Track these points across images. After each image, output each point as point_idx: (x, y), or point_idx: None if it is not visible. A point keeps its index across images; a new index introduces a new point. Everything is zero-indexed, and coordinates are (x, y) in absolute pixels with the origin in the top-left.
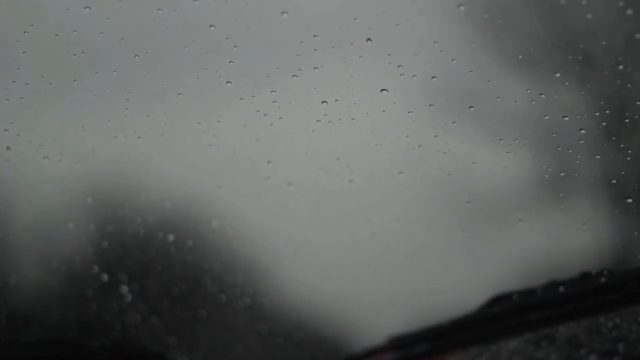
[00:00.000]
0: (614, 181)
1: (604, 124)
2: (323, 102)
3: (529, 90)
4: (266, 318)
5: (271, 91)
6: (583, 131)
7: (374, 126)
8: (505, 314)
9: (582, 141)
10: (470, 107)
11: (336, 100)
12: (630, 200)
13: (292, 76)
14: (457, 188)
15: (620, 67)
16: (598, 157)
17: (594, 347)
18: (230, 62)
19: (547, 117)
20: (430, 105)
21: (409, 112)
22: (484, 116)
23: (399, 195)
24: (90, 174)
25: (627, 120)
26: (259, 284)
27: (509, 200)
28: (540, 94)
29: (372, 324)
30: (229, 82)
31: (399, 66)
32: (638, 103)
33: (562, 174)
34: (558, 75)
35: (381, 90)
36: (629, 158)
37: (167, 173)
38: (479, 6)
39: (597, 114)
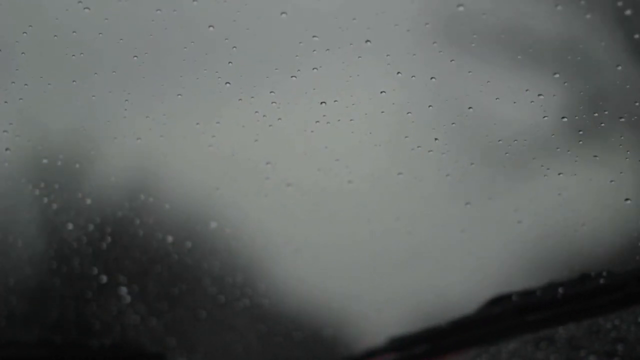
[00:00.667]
0: (613, 181)
1: (602, 124)
2: (322, 102)
3: (528, 91)
4: (266, 318)
5: (270, 92)
6: (581, 132)
7: (372, 127)
8: (505, 315)
9: (580, 142)
10: (469, 107)
11: (335, 101)
12: (629, 201)
13: (291, 77)
14: (456, 189)
15: (619, 67)
16: (597, 157)
17: (593, 348)
18: (229, 62)
19: (546, 118)
20: (429, 106)
21: (408, 112)
22: (483, 117)
23: (398, 196)
24: (89, 175)
25: (624, 121)
26: (258, 284)
27: (508, 201)
28: (539, 95)
29: (371, 325)
30: (228, 82)
31: (397, 67)
32: (637, 104)
33: (560, 175)
34: (557, 75)
35: (380, 91)
36: (627, 158)
37: (166, 174)
38: (478, 6)
39: (595, 114)
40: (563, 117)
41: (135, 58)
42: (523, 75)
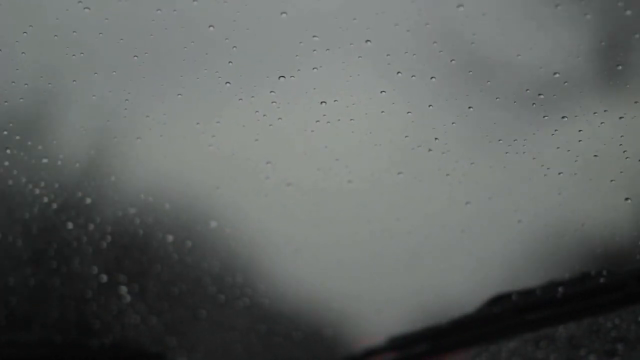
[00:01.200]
0: (613, 181)
1: (602, 123)
2: (322, 102)
3: (528, 91)
4: (266, 318)
5: (270, 92)
6: (581, 131)
7: (372, 127)
8: (505, 314)
9: (580, 141)
10: (470, 107)
11: (335, 100)
12: (629, 201)
13: (291, 77)
14: (456, 189)
15: (619, 67)
16: (597, 156)
17: (593, 347)
18: (230, 62)
19: (546, 118)
20: (430, 105)
21: (408, 112)
22: (483, 116)
23: (398, 196)
24: (89, 175)
25: (624, 120)
26: (258, 284)
27: (508, 201)
28: (540, 94)
29: (371, 324)
30: (228, 82)
31: (397, 67)
32: (637, 103)
33: (560, 174)
34: (557, 75)
35: (380, 91)
36: (627, 158)
37: (166, 173)
38: (478, 6)
39: (595, 114)
40: (563, 117)
41: (135, 58)
42: (523, 76)
